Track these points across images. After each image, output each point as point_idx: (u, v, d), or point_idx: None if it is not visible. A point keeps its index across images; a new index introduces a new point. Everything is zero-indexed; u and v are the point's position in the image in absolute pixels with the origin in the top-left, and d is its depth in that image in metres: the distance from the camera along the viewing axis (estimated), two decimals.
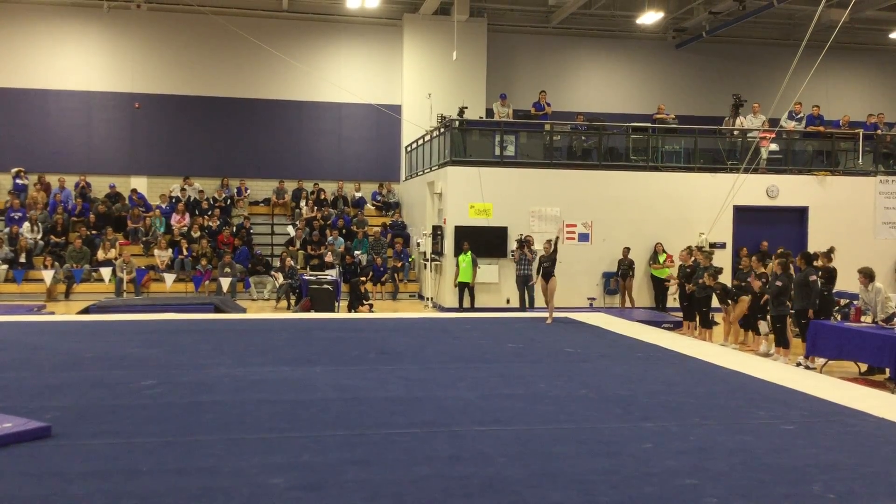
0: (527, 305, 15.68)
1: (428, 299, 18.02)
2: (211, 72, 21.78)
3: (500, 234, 16.66)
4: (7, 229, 18.79)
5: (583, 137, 18.42)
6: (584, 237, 17.05)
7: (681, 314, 13.42)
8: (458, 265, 16.31)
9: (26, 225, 18.86)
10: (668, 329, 12.72)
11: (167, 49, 21.59)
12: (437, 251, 17.50)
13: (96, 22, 21.19)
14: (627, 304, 16.94)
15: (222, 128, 21.92)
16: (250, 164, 22.07)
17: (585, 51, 24.05)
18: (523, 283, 15.52)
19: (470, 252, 16.14)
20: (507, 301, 16.47)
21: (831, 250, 11.92)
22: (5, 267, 17.67)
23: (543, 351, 9.71)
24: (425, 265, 18.38)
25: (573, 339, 10.81)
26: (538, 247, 13.96)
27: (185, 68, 21.68)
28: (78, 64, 21.19)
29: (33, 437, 5.34)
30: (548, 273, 12.38)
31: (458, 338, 10.67)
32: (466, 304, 16.28)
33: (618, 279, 16.98)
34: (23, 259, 17.97)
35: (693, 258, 12.87)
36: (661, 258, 16.75)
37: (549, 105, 19.61)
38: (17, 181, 20.30)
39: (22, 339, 9.82)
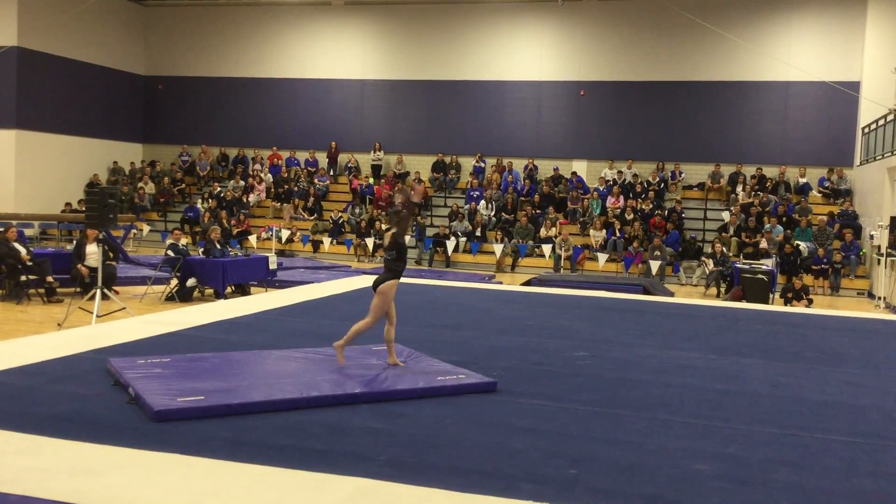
0: None
1: (880, 299, 16.00)
2: (652, 56, 21.93)
3: None
4: (467, 206, 21.38)
5: None
6: None
7: None
8: None
9: (482, 203, 21.27)
10: None
11: (612, 36, 22.27)
12: None
13: (551, 16, 22.72)
14: None
15: (659, 112, 21.97)
16: (686, 148, 21.81)
17: None
18: None
19: None
20: None
21: None
22: (464, 239, 20.15)
23: None
24: (878, 260, 16.33)
25: None
26: None
27: (626, 54, 22.14)
28: (531, 56, 22.99)
29: (481, 390, 6.07)
30: None
31: None
32: None
33: None
34: (478, 233, 20.32)
35: None
36: None
37: None
38: (476, 165, 22.92)
39: (476, 304, 11.13)
